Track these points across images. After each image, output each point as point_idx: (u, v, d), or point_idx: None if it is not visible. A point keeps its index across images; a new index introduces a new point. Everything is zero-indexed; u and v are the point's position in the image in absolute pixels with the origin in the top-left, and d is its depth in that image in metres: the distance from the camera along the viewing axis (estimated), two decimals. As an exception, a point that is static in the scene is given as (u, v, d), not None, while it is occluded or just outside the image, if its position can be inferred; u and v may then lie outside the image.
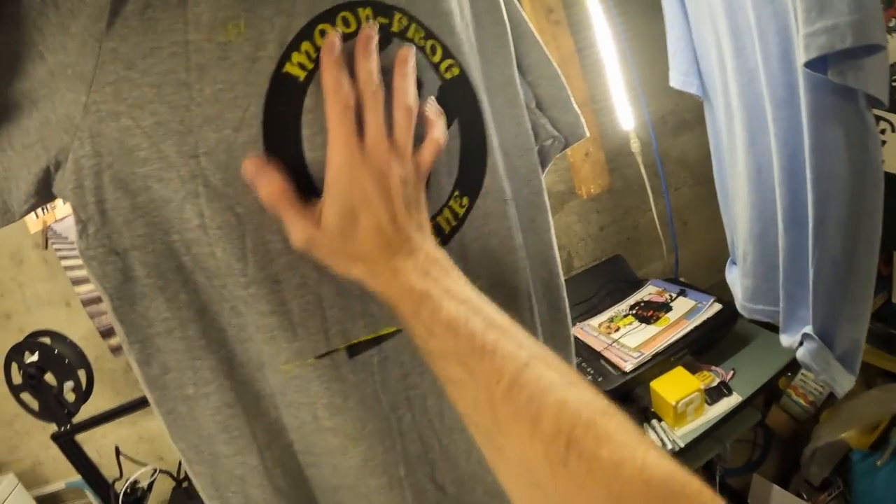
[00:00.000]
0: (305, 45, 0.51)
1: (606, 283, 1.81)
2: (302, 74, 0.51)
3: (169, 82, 0.46)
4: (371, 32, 0.51)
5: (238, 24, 0.48)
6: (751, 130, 1.08)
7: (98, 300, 1.36)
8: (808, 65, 0.81)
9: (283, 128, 0.51)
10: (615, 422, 0.38)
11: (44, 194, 0.48)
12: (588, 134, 0.80)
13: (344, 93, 0.48)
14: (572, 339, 0.80)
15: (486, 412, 0.42)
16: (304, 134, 0.51)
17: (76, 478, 1.43)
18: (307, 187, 0.52)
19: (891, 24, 1.14)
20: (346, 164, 0.48)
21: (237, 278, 0.51)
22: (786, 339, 1.11)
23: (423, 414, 0.63)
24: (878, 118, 1.20)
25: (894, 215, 1.25)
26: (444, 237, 0.61)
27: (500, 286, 0.67)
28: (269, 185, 0.48)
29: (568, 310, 0.79)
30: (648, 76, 1.66)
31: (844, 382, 1.02)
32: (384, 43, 0.55)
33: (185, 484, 1.49)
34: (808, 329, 1.03)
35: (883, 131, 1.21)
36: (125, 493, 1.31)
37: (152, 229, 0.49)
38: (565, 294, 0.78)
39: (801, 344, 1.06)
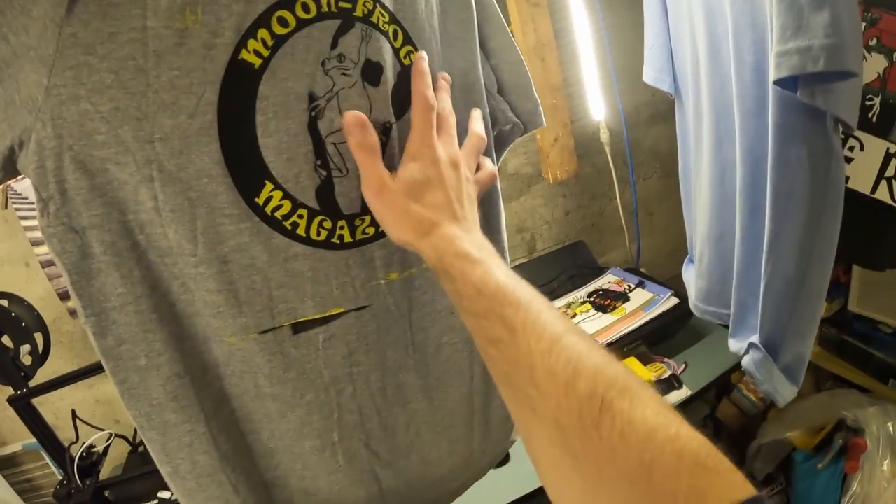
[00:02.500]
0: (262, 33, 0.51)
1: (567, 267, 1.85)
2: (258, 62, 0.52)
3: (127, 68, 0.47)
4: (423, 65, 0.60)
5: (195, 10, 0.49)
6: (718, 135, 1.08)
7: (57, 264, 1.34)
8: (778, 82, 0.80)
9: (238, 114, 0.52)
10: (650, 393, 0.38)
11: (10, 170, 0.50)
12: (544, 123, 0.82)
13: (431, 100, 0.59)
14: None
15: (524, 370, 0.43)
16: (258, 120, 0.53)
17: (33, 440, 1.43)
18: (260, 172, 0.54)
19: (871, 44, 1.15)
20: (427, 146, 0.57)
21: (188, 258, 0.54)
22: (734, 345, 1.13)
23: (365, 389, 0.67)
24: (848, 135, 1.20)
25: (857, 230, 1.26)
26: None
27: None
28: (365, 136, 0.55)
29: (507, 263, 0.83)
30: (626, 65, 1.66)
31: (786, 393, 1.04)
32: (346, 28, 0.56)
33: (140, 449, 1.50)
34: (755, 338, 1.04)
35: (852, 148, 1.21)
36: (81, 456, 1.30)
37: (109, 209, 0.51)
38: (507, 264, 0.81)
39: (747, 352, 1.07)
